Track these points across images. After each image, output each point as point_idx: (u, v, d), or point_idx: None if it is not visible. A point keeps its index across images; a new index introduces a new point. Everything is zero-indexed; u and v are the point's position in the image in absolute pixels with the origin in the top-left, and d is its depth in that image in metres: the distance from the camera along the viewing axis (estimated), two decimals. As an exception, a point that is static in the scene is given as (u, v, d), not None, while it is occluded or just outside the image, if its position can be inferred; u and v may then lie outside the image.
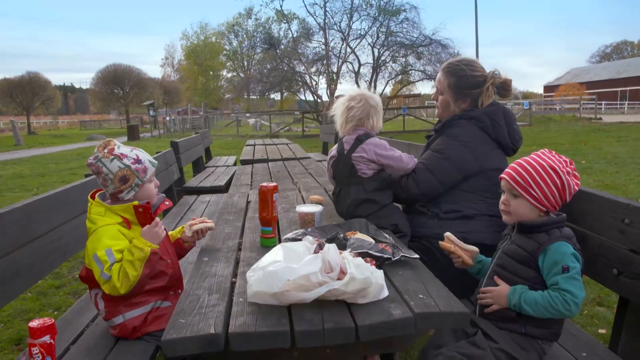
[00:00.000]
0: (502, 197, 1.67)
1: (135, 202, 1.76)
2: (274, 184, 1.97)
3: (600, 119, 24.73)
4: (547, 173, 1.56)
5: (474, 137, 2.16)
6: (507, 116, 2.21)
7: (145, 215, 1.77)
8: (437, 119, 2.44)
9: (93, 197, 1.79)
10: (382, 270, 1.44)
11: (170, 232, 2.02)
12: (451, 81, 2.25)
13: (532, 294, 1.51)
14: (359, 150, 2.18)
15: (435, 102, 2.38)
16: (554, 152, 1.64)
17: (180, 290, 1.88)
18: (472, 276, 1.79)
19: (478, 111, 2.19)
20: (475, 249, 1.79)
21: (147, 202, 1.78)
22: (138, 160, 1.79)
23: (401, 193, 2.25)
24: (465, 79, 2.22)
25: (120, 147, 1.79)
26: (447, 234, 1.81)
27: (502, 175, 1.66)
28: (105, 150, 1.76)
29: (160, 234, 1.77)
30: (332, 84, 25.61)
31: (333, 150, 2.35)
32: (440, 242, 1.79)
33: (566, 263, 1.47)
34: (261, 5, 35.57)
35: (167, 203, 1.93)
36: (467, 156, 2.15)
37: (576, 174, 1.62)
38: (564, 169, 1.57)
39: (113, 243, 1.67)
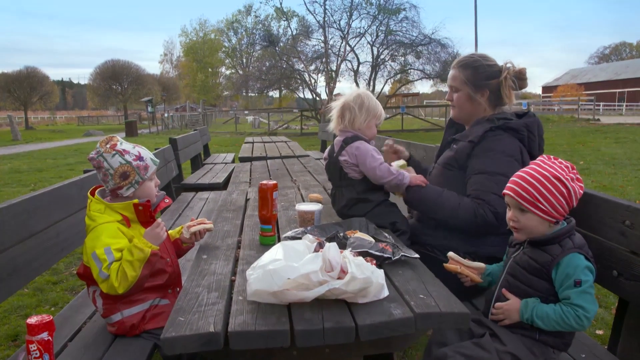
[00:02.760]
0: (509, 214, 1.60)
1: (136, 200, 1.74)
2: (274, 182, 1.97)
3: (599, 120, 24.77)
4: (552, 183, 1.50)
5: (517, 151, 2.07)
6: (539, 128, 2.15)
7: (145, 213, 1.76)
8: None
9: (93, 194, 1.77)
10: (382, 270, 1.43)
11: (169, 232, 2.01)
12: (468, 74, 2.17)
13: (544, 308, 1.48)
14: (343, 154, 2.16)
15: (449, 102, 2.28)
16: (553, 157, 1.58)
17: (179, 289, 1.88)
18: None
19: (517, 122, 2.08)
20: (481, 265, 1.74)
21: (147, 201, 1.77)
22: (140, 157, 1.78)
23: (480, 229, 2.02)
24: (482, 69, 2.15)
25: (123, 143, 1.78)
26: (450, 254, 1.74)
27: (506, 190, 1.59)
28: (108, 146, 1.74)
29: (161, 235, 1.75)
30: (330, 82, 25.62)
31: (327, 151, 2.34)
32: (444, 265, 1.73)
33: (579, 277, 1.44)
34: (261, 3, 35.46)
35: (167, 201, 1.91)
36: (517, 170, 2.04)
37: (579, 177, 1.57)
38: (567, 176, 1.52)
39: (112, 241, 1.66)
